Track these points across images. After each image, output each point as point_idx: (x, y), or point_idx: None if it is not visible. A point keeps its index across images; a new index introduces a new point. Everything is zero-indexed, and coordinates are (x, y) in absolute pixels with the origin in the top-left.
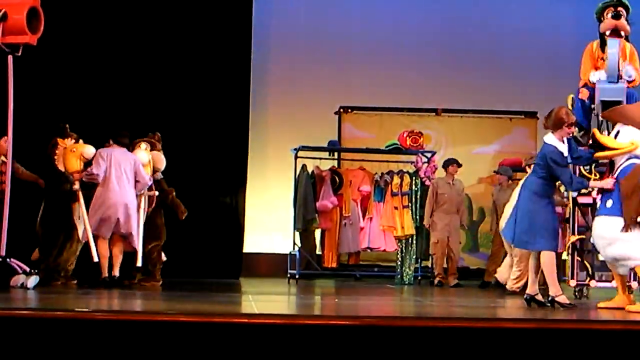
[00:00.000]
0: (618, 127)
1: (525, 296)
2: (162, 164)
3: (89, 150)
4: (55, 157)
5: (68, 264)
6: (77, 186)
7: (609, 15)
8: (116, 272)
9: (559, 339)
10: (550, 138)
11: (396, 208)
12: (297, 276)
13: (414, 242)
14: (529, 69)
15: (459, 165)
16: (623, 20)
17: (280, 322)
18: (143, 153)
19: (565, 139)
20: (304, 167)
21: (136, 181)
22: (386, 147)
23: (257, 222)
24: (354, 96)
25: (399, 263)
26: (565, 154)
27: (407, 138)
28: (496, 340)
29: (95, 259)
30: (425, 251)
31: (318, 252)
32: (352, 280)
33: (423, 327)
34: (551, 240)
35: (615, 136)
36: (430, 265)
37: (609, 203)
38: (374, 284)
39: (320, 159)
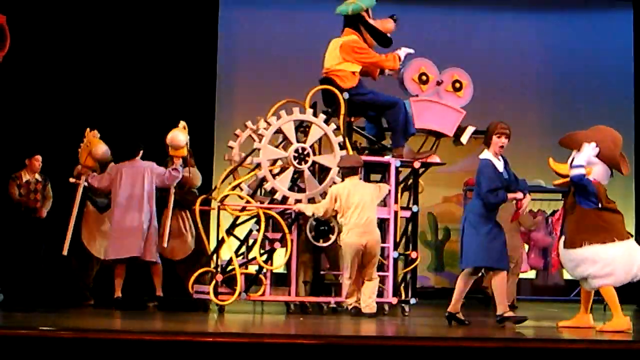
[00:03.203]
0: (574, 153)
1: (445, 314)
2: (199, 180)
3: (97, 149)
4: (80, 149)
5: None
6: (74, 180)
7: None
8: (118, 293)
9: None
10: (484, 154)
11: None
12: None
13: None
14: (494, 88)
15: None
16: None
17: (246, 341)
18: (180, 134)
19: (501, 157)
20: None
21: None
22: None
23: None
24: None
25: None
26: (501, 169)
27: None
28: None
29: (65, 253)
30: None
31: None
32: None
33: (387, 346)
34: (503, 259)
35: (571, 163)
36: None
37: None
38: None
39: None
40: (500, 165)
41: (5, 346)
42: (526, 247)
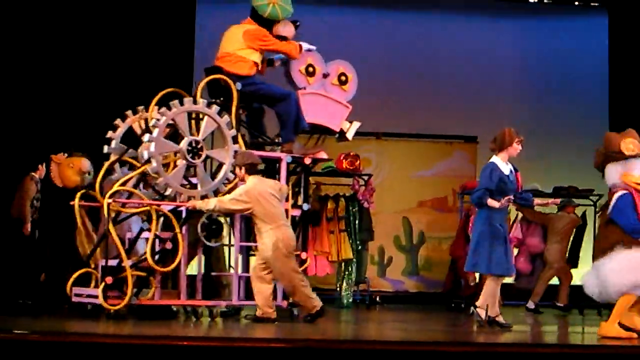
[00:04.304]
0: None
1: (486, 318)
2: None
3: (85, 164)
4: (51, 173)
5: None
6: (74, 201)
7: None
8: None
9: None
10: (494, 158)
11: (332, 232)
12: None
13: (353, 265)
14: (469, 93)
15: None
16: None
17: (222, 345)
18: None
19: (511, 169)
20: None
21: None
22: (322, 169)
23: None
24: None
25: (339, 286)
26: (507, 172)
27: (344, 161)
28: None
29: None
30: (365, 274)
31: None
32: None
33: (361, 350)
34: (493, 266)
35: None
36: (367, 288)
37: None
38: None
39: None
40: (506, 169)
41: None
42: (515, 251)
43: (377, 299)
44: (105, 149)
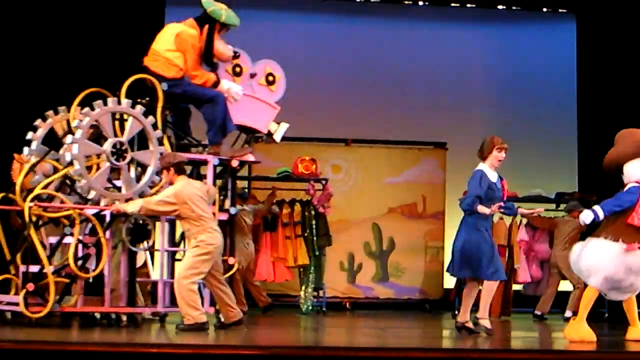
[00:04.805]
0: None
1: (456, 324)
2: None
3: (48, 166)
4: (12, 172)
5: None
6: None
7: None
8: None
9: None
10: (480, 166)
11: (288, 238)
12: None
13: (311, 271)
14: (438, 100)
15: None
16: None
17: (190, 352)
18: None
19: (498, 177)
20: None
21: None
22: (278, 174)
23: None
24: None
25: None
26: (494, 180)
27: (300, 165)
28: None
29: None
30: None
31: None
32: (258, 311)
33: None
34: (496, 270)
35: None
36: (324, 294)
37: None
38: (282, 314)
39: None
40: (494, 177)
41: None
42: (523, 257)
43: (347, 305)
44: (26, 150)
